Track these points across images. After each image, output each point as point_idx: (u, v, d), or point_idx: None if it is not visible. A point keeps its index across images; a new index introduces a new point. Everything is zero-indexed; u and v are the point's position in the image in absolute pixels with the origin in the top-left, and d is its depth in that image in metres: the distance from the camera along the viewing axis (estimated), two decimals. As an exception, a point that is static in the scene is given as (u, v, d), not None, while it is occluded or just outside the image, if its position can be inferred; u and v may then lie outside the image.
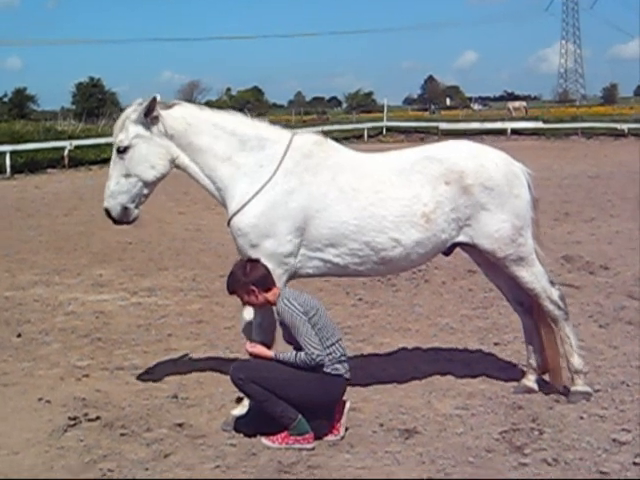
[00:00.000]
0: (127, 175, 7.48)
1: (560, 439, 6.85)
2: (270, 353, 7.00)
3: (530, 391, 7.95)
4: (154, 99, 7.37)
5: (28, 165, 37.20)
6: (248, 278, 6.95)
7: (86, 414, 7.70)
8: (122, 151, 7.44)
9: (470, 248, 7.89)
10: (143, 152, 7.46)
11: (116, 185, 7.50)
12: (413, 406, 7.74)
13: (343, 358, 7.04)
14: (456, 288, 12.68)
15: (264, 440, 6.91)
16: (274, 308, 7.14)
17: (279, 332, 7.23)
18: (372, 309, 11.61)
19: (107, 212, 7.60)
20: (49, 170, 38.09)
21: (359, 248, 7.42)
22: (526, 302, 8.05)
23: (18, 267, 15.23)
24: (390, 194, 7.41)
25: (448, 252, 8.01)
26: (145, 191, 7.64)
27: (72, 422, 7.52)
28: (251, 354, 7.07)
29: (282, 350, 7.11)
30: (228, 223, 7.54)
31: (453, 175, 7.47)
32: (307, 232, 7.37)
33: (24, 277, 14.32)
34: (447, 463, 6.46)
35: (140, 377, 8.80)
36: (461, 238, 7.68)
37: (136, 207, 7.67)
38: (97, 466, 6.58)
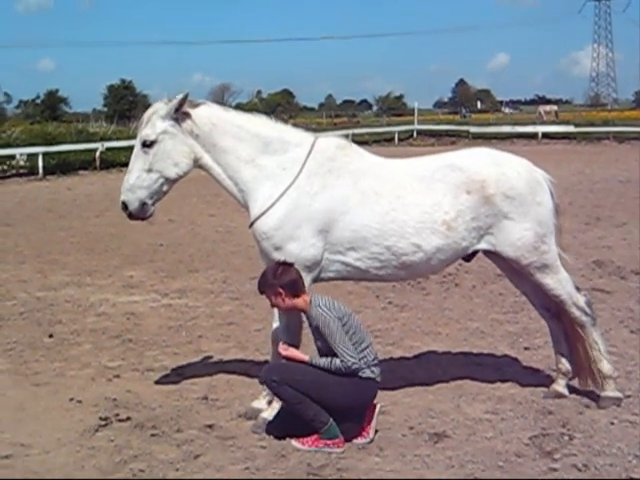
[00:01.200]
0: (149, 170, 7.48)
1: (590, 444, 6.82)
2: (304, 357, 7.01)
3: (560, 396, 7.91)
4: (187, 95, 7.38)
5: (60, 166, 37.51)
6: (277, 280, 6.95)
7: (117, 414, 7.75)
8: (148, 145, 7.44)
9: (493, 255, 7.87)
10: (168, 148, 7.47)
11: (137, 179, 7.48)
12: (443, 410, 7.73)
13: (375, 362, 7.04)
14: (486, 292, 12.65)
15: (294, 442, 6.92)
16: (302, 314, 7.17)
17: (308, 336, 7.23)
18: (402, 312, 11.59)
19: (124, 205, 7.55)
20: (81, 172, 38.40)
21: (380, 252, 7.42)
22: (553, 308, 8.02)
23: (50, 268, 15.34)
24: (411, 200, 7.41)
25: (469, 258, 7.99)
26: (165, 188, 7.63)
27: (103, 422, 7.56)
28: (285, 357, 7.09)
29: (312, 354, 7.12)
30: (250, 226, 7.56)
31: (474, 185, 7.45)
32: (330, 235, 7.37)
33: (56, 278, 14.42)
34: (476, 467, 6.45)
35: (170, 378, 8.83)
36: (483, 245, 7.67)
37: (153, 204, 7.63)
38: (128, 466, 6.62)
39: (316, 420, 6.85)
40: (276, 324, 7.57)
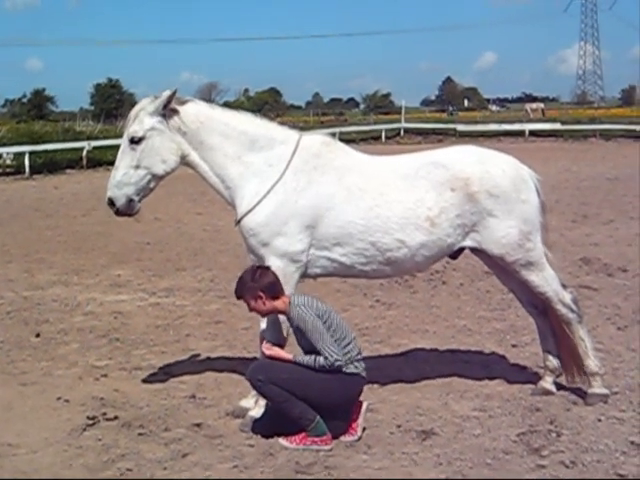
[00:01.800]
0: (137, 167, 7.50)
1: (578, 441, 6.83)
2: (288, 356, 7.01)
3: (548, 393, 7.93)
4: (175, 91, 7.40)
5: (47, 165, 37.46)
6: (257, 283, 6.94)
7: (104, 413, 7.74)
8: (135, 142, 7.46)
9: (480, 252, 7.89)
10: (156, 145, 7.48)
11: (124, 175, 7.50)
12: (430, 407, 7.74)
13: (359, 357, 7.05)
14: (474, 290, 12.67)
15: (282, 441, 6.92)
16: (282, 316, 7.21)
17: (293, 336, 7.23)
18: (389, 310, 11.60)
19: (110, 202, 7.57)
20: (68, 170, 38.38)
21: (365, 248, 7.45)
22: (540, 305, 8.03)
23: (37, 267, 15.30)
24: (395, 197, 7.45)
25: (455, 255, 8.02)
26: (152, 185, 7.65)
27: (90, 421, 7.55)
28: (269, 356, 7.09)
29: (296, 353, 7.12)
30: (237, 223, 7.58)
31: (458, 182, 7.48)
32: (316, 231, 7.41)
33: (43, 277, 14.39)
34: (464, 465, 6.46)
35: (158, 377, 8.82)
36: (468, 243, 7.69)
37: (140, 200, 7.64)
38: (115, 465, 6.61)
39: (303, 418, 6.84)
40: (264, 324, 7.57)
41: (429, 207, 7.43)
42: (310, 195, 7.38)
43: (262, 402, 7.33)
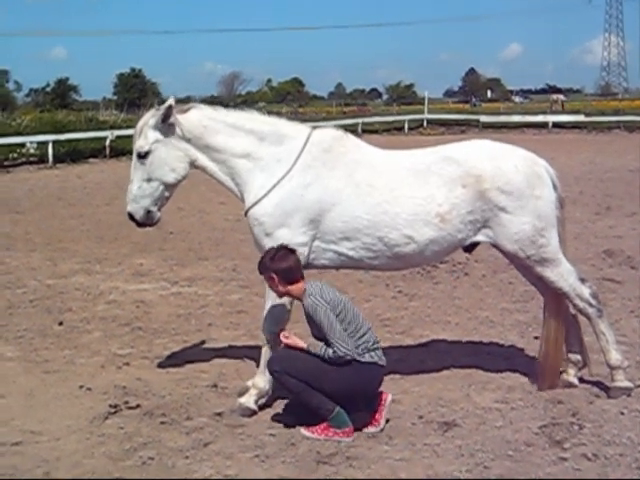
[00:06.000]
0: (149, 179, 7.67)
1: (600, 434, 6.81)
2: (303, 345, 7.01)
3: (570, 385, 7.90)
4: (170, 106, 7.52)
5: (70, 155, 37.51)
6: (272, 265, 6.97)
7: (126, 402, 7.77)
8: (143, 156, 7.62)
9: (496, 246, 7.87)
10: (163, 156, 7.63)
11: (138, 189, 7.69)
12: (452, 399, 7.73)
13: (376, 346, 7.04)
14: (496, 281, 12.63)
15: (303, 431, 6.93)
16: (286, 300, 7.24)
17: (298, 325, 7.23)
18: (412, 301, 11.59)
19: (130, 216, 7.84)
20: (91, 160, 38.40)
21: (373, 243, 7.48)
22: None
23: (60, 256, 15.37)
24: (405, 192, 7.46)
25: (470, 249, 8.01)
26: (167, 194, 7.83)
27: (113, 410, 7.59)
28: (286, 345, 7.09)
29: (310, 343, 7.11)
30: (245, 214, 7.68)
31: (470, 179, 7.46)
32: (322, 225, 7.46)
33: (66, 266, 14.46)
34: (486, 456, 6.44)
35: (180, 366, 8.85)
36: (480, 238, 7.68)
37: (158, 210, 7.86)
38: (137, 454, 6.64)
39: (322, 408, 6.85)
40: (269, 304, 7.57)
41: (439, 203, 7.43)
42: (317, 189, 7.41)
43: (253, 391, 7.41)
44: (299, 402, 7.04)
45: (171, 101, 7.54)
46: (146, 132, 7.62)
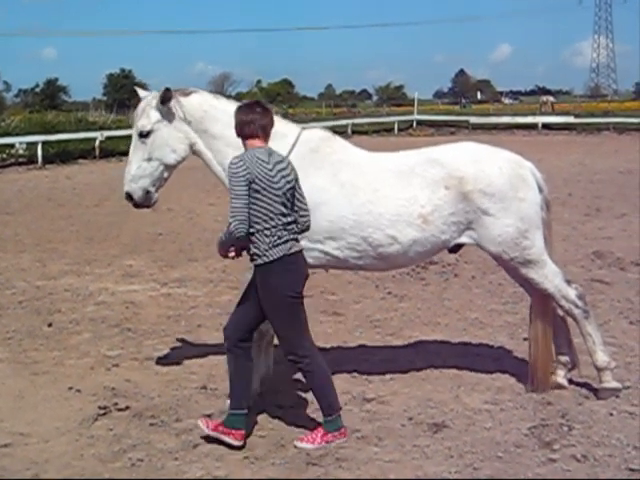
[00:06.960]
0: (149, 159, 7.69)
1: (589, 435, 6.83)
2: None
3: (559, 387, 7.92)
4: (167, 89, 7.60)
5: (59, 155, 37.46)
6: (238, 113, 6.83)
7: (116, 404, 7.76)
8: (144, 135, 7.65)
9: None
10: (165, 136, 7.69)
11: (138, 169, 7.70)
12: (442, 400, 7.74)
13: (281, 241, 6.64)
14: (485, 282, 12.65)
15: (300, 444, 6.75)
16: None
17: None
18: (401, 303, 11.60)
19: (128, 196, 7.78)
20: (80, 160, 38.33)
21: (357, 243, 7.55)
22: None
23: (49, 257, 15.34)
24: (388, 193, 7.52)
25: (454, 250, 8.04)
26: (165, 175, 7.85)
27: (102, 411, 7.58)
28: (225, 256, 6.96)
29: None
30: None
31: (452, 180, 7.51)
32: None
33: (55, 267, 14.42)
34: (475, 458, 6.46)
35: (169, 368, 8.85)
36: (464, 239, 7.73)
37: (156, 191, 7.86)
38: (126, 455, 6.63)
39: (332, 403, 6.81)
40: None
41: (422, 205, 7.49)
42: (304, 189, 7.41)
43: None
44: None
45: (168, 87, 7.61)
46: (149, 112, 7.67)
